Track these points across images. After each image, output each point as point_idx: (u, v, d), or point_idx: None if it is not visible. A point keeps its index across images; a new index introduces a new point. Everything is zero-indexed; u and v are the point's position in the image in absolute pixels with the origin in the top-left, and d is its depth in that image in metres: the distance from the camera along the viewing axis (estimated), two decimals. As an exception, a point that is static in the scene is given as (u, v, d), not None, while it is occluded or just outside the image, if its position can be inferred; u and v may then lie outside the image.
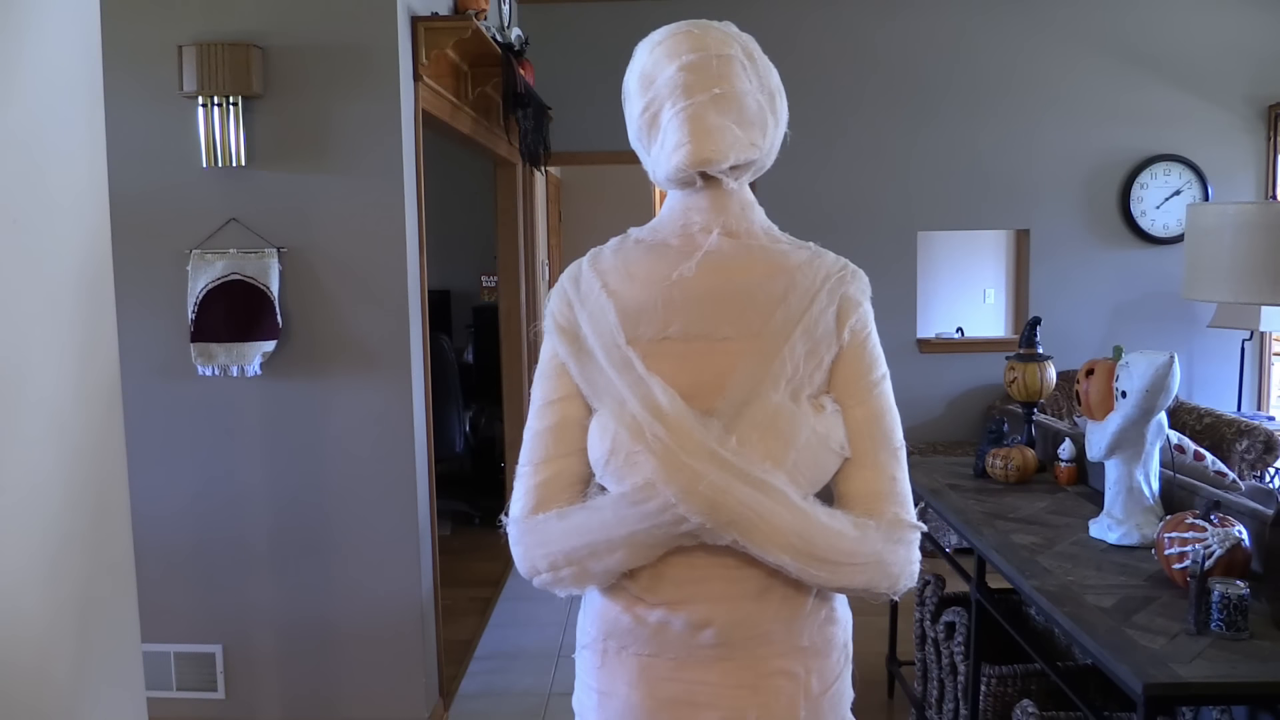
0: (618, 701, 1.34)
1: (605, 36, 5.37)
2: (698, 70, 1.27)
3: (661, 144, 1.30)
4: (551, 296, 1.37)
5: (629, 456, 1.24)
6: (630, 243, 1.37)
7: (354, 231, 2.99)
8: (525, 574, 1.34)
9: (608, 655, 1.35)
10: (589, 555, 1.28)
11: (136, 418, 2.68)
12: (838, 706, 1.37)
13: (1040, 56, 5.38)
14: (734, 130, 1.28)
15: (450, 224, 6.28)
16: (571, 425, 1.32)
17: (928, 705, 2.94)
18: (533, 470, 1.33)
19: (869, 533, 1.25)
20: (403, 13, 2.99)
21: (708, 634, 1.28)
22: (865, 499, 1.29)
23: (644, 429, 1.23)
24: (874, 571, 1.25)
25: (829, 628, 1.35)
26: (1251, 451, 4.17)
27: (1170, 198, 5.39)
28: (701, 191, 1.33)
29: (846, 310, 1.29)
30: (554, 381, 1.34)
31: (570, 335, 1.32)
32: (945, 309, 6.58)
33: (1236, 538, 1.91)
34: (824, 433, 1.27)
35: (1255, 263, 2.90)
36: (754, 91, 1.30)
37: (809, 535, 1.22)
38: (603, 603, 1.35)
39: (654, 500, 1.22)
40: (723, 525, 1.21)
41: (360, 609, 3.11)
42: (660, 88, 1.29)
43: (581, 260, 1.38)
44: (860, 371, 1.30)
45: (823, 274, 1.29)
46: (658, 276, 1.30)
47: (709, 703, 1.29)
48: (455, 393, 5.24)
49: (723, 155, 1.27)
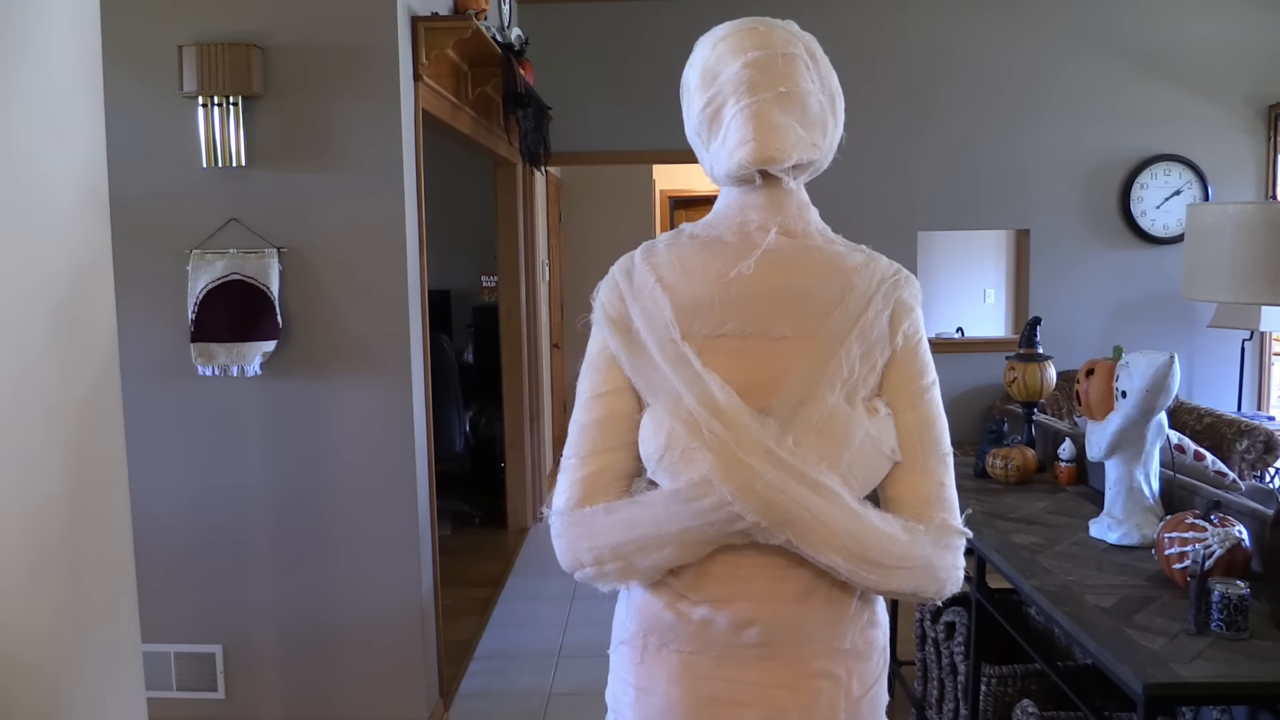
0: (657, 698, 1.34)
1: (605, 36, 5.37)
2: (763, 68, 1.26)
3: (723, 140, 1.29)
4: (601, 288, 1.36)
5: (685, 452, 1.24)
6: (685, 238, 1.35)
7: (354, 231, 2.99)
8: (567, 567, 1.33)
9: (648, 651, 1.35)
10: (636, 550, 1.27)
11: (136, 418, 2.68)
12: (876, 709, 1.37)
13: (1040, 56, 5.38)
14: (797, 129, 1.27)
15: (450, 224, 6.28)
16: (620, 419, 1.31)
17: (928, 705, 2.94)
18: (579, 463, 1.32)
19: (919, 537, 1.26)
20: (403, 13, 2.99)
21: (751, 633, 1.29)
22: (914, 504, 1.29)
23: (700, 425, 1.23)
24: (922, 575, 1.26)
25: (871, 631, 1.35)
26: (1251, 451, 4.17)
27: (1170, 198, 5.39)
28: (760, 190, 1.32)
29: (900, 315, 1.30)
30: (603, 374, 1.33)
31: (622, 327, 1.31)
32: (945, 309, 6.58)
33: (1236, 538, 1.90)
34: (877, 436, 1.27)
35: (1255, 263, 2.90)
36: (816, 92, 1.30)
37: (862, 538, 1.23)
38: (644, 598, 1.35)
39: (709, 497, 1.22)
40: (778, 524, 1.22)
41: (360, 609, 3.11)
42: (724, 83, 1.28)
43: (633, 253, 1.36)
44: (912, 376, 1.31)
45: (878, 278, 1.30)
46: (714, 273, 1.29)
47: (750, 702, 1.30)
48: (455, 393, 5.24)
49: (786, 154, 1.26)
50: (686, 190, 8.69)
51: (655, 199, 7.62)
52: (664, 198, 8.64)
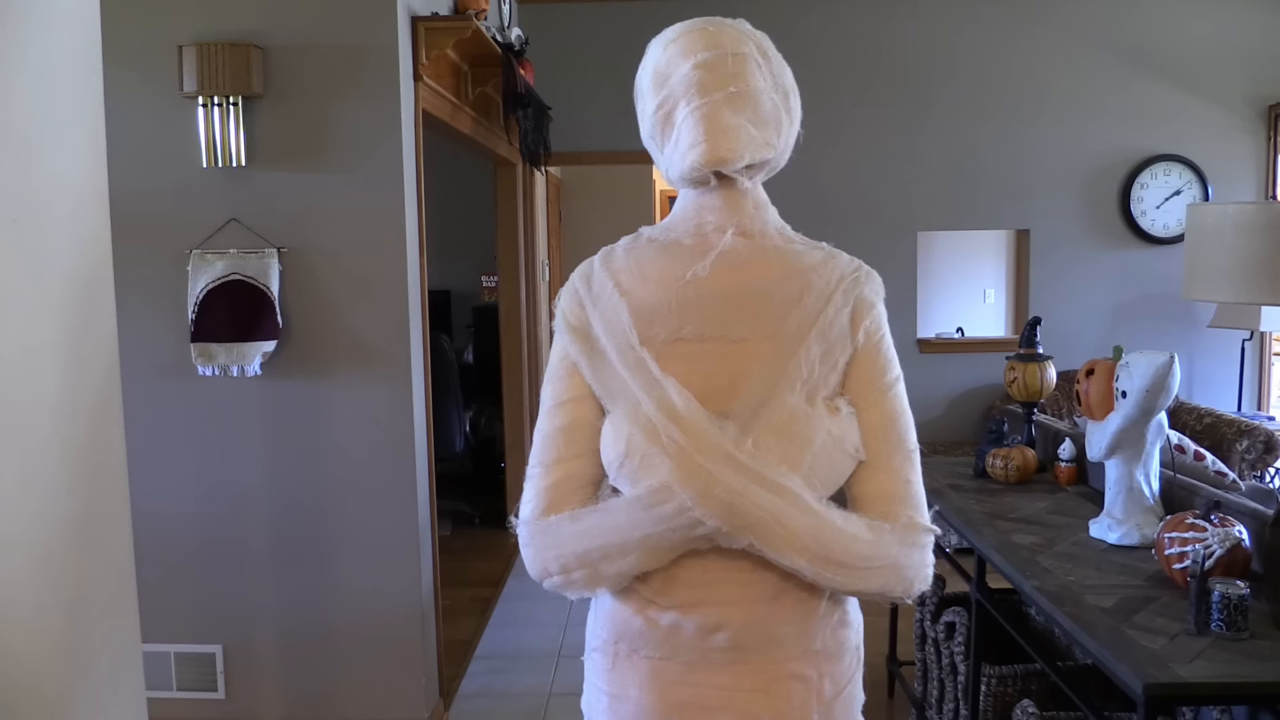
0: (629, 705, 1.33)
1: (605, 36, 5.38)
2: (713, 68, 1.26)
3: (675, 143, 1.29)
4: (562, 295, 1.35)
5: (644, 459, 1.23)
6: (643, 242, 1.35)
7: (354, 231, 2.99)
8: (536, 576, 1.32)
9: (618, 658, 1.35)
10: (602, 558, 1.27)
11: (137, 418, 2.67)
12: (850, 710, 1.36)
13: (1040, 56, 5.38)
14: (749, 129, 1.27)
15: (450, 224, 6.28)
16: (583, 426, 1.31)
17: (928, 705, 2.94)
18: (543, 472, 1.32)
19: (884, 536, 1.25)
20: (403, 13, 2.99)
21: (720, 637, 1.28)
22: (879, 502, 1.28)
23: (659, 431, 1.22)
24: (889, 575, 1.25)
25: (842, 631, 1.34)
26: (1251, 451, 4.17)
27: (1170, 198, 5.39)
28: (715, 191, 1.31)
29: (861, 312, 1.28)
30: (565, 382, 1.32)
31: (582, 335, 1.31)
32: (945, 309, 6.58)
33: (1236, 538, 1.90)
34: (839, 435, 1.26)
35: (1255, 263, 2.90)
36: (769, 90, 1.29)
37: (825, 539, 1.22)
38: (613, 605, 1.34)
39: (670, 503, 1.21)
40: (739, 529, 1.21)
41: (360, 609, 3.11)
42: (674, 85, 1.28)
43: (593, 259, 1.35)
44: (875, 374, 1.29)
45: (837, 275, 1.28)
46: (671, 276, 1.28)
47: (721, 706, 1.29)
48: (455, 393, 5.24)
49: (738, 154, 1.26)
50: (686, 190, 8.67)
51: (655, 199, 7.62)
52: (664, 198, 8.64)
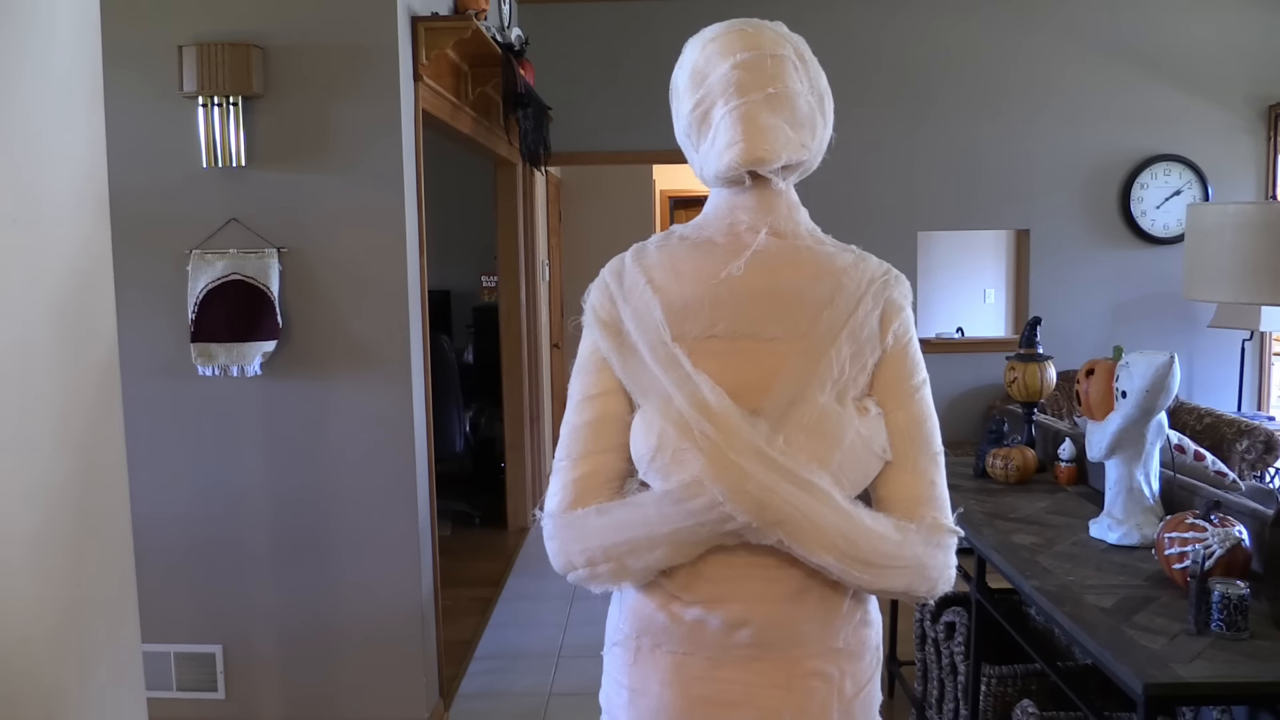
0: (650, 699, 1.34)
1: (605, 36, 5.37)
2: (751, 69, 1.27)
3: (712, 142, 1.30)
4: (592, 290, 1.36)
5: (675, 453, 1.24)
6: (675, 239, 1.36)
7: (354, 231, 2.99)
8: (560, 569, 1.33)
9: (640, 652, 1.35)
10: (628, 552, 1.27)
11: (136, 418, 2.68)
12: (869, 708, 1.37)
13: (1040, 56, 5.39)
14: (786, 130, 1.28)
15: (450, 224, 6.28)
16: (611, 420, 1.32)
17: (928, 705, 2.94)
18: (570, 465, 1.33)
19: (910, 536, 1.26)
20: (403, 13, 2.99)
21: (744, 633, 1.29)
22: (904, 503, 1.29)
23: (691, 426, 1.23)
24: (914, 575, 1.26)
25: (864, 630, 1.35)
26: (1251, 451, 4.17)
27: (1170, 198, 5.39)
28: (749, 191, 1.32)
29: (890, 315, 1.30)
30: (594, 376, 1.33)
31: (613, 330, 1.31)
32: (945, 309, 6.58)
33: (1236, 538, 1.90)
34: (868, 435, 1.27)
35: (1255, 263, 2.90)
36: (805, 93, 1.31)
37: (853, 537, 1.23)
38: (637, 600, 1.35)
39: (701, 498, 1.22)
40: (769, 525, 1.22)
41: (360, 609, 3.11)
42: (712, 85, 1.28)
43: (624, 255, 1.36)
44: (902, 376, 1.31)
45: (868, 277, 1.30)
46: (704, 274, 1.29)
47: (743, 702, 1.30)
48: (455, 393, 5.24)
49: (775, 155, 1.27)
50: (686, 190, 8.70)
51: (655, 199, 7.62)
52: (664, 198, 8.64)
